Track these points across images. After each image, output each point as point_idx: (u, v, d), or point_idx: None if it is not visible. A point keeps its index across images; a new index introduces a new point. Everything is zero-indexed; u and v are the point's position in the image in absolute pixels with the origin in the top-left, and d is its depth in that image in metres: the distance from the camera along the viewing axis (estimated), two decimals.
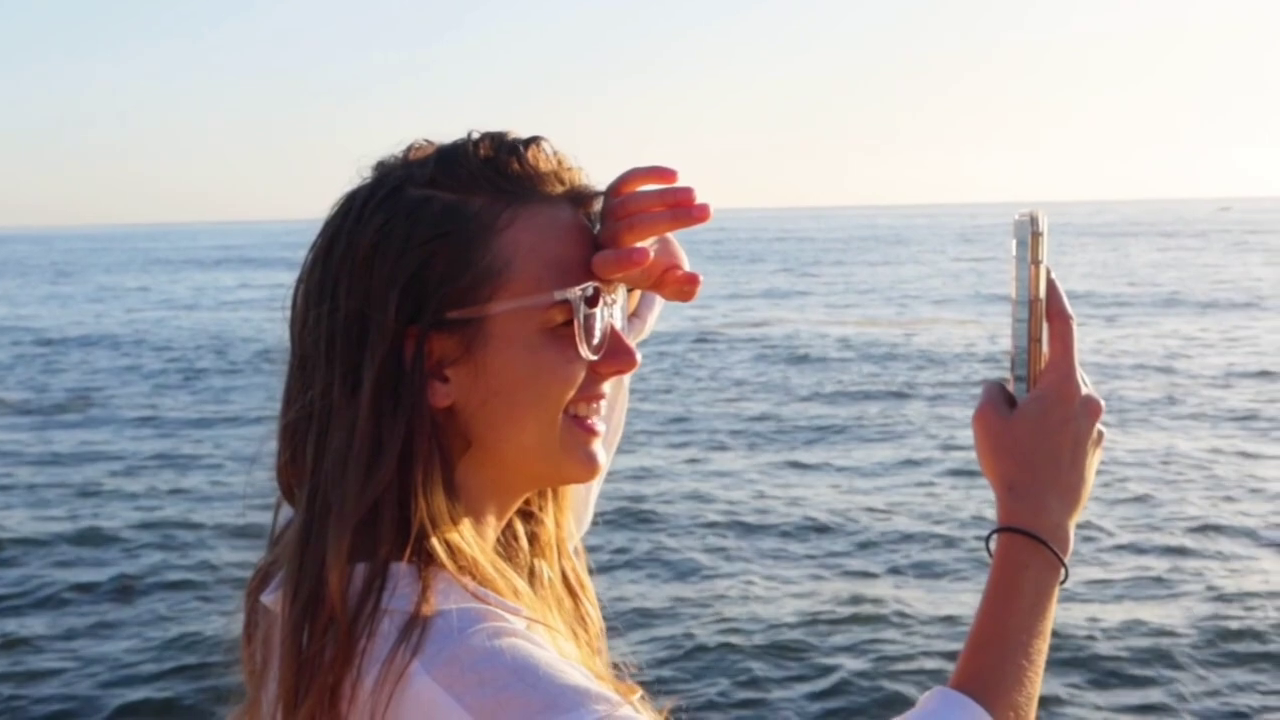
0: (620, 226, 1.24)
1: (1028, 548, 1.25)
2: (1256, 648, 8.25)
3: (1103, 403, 1.31)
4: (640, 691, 1.23)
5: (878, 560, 10.36)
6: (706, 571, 10.10)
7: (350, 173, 1.27)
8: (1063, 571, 1.27)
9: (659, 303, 1.54)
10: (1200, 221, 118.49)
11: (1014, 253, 1.31)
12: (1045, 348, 1.31)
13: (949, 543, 10.76)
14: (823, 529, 11.28)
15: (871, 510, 11.93)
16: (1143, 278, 43.00)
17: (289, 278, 1.29)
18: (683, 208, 1.23)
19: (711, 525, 11.43)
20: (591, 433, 1.26)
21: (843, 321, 30.52)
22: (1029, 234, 1.30)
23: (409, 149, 1.26)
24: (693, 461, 14.19)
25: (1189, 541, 10.60)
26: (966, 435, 15.38)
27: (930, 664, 8.04)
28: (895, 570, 10.10)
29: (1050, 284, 1.31)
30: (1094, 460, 1.31)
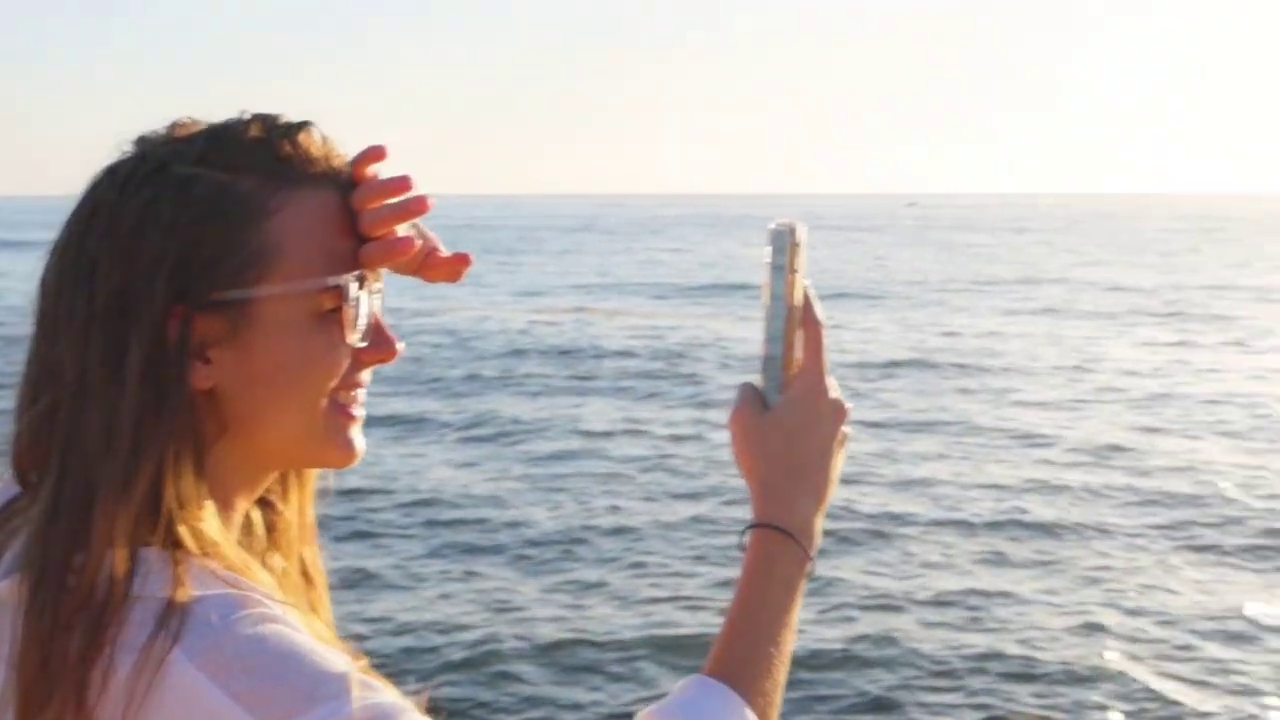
0: (365, 218, 1.23)
1: (779, 542, 1.33)
2: (918, 630, 8.50)
3: (849, 406, 1.39)
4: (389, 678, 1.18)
5: (567, 542, 10.58)
6: (385, 561, 10.04)
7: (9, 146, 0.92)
8: (810, 565, 1.34)
9: None
10: (880, 216, 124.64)
11: (768, 260, 1.36)
12: (798, 353, 1.38)
13: (619, 526, 11.03)
14: (501, 516, 11.39)
15: (547, 490, 12.24)
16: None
17: None
18: (402, 200, 1.23)
19: (386, 517, 11.34)
20: (352, 419, 1.26)
21: (524, 310, 30.71)
22: (786, 243, 1.36)
23: (173, 125, 1.22)
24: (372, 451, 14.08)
25: (852, 535, 10.73)
26: (646, 421, 15.99)
27: (626, 634, 8.36)
28: (587, 546, 10.42)
29: (804, 292, 1.38)
30: (839, 460, 1.40)
